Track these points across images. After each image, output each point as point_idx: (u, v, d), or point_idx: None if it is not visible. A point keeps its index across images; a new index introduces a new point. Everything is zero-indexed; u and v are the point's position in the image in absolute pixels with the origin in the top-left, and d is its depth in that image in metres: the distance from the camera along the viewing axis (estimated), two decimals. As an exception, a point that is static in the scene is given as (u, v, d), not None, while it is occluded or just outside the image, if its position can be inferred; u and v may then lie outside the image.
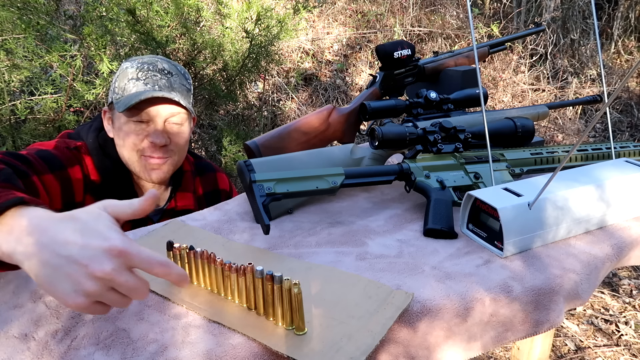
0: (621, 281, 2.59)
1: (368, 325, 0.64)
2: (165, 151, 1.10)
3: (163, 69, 1.09)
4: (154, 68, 1.09)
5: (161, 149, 1.09)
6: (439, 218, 0.86)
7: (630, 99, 4.68)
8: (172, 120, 1.09)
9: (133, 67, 1.09)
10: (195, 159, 1.29)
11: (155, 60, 1.10)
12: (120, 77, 1.09)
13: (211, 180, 1.29)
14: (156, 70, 1.08)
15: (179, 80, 1.11)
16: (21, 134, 2.22)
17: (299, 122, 1.11)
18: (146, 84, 1.07)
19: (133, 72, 1.08)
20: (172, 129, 1.10)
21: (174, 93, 1.08)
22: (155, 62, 1.10)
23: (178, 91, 1.10)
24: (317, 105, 4.31)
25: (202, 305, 0.68)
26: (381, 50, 1.20)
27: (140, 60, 1.10)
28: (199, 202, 1.24)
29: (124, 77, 1.08)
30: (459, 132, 0.99)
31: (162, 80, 1.08)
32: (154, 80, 1.07)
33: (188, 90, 1.13)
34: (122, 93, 1.07)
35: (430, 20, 5.10)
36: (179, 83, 1.11)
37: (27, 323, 0.66)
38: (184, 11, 2.28)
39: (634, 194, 0.90)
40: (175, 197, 1.20)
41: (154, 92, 1.05)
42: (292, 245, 0.83)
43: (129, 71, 1.08)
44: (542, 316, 0.74)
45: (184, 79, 1.13)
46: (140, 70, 1.08)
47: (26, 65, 2.07)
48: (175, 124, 1.10)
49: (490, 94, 4.54)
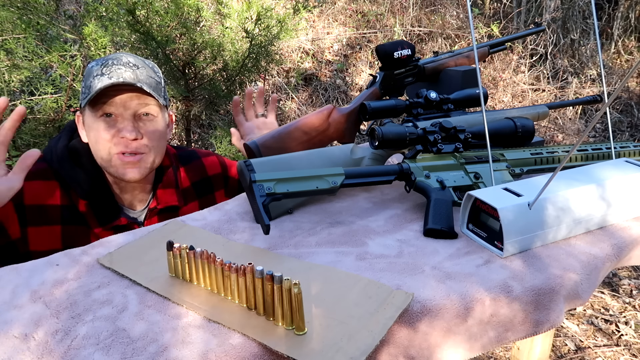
0: (621, 281, 2.59)
1: (368, 325, 0.64)
2: (138, 146, 1.05)
3: (128, 62, 1.06)
4: (118, 62, 1.04)
5: (134, 144, 1.05)
6: (439, 218, 0.86)
7: (630, 99, 4.68)
8: (141, 111, 1.05)
9: (98, 64, 1.05)
10: (177, 150, 1.24)
11: (119, 55, 1.07)
12: (86, 77, 1.06)
13: (198, 168, 1.25)
14: (120, 63, 1.04)
15: (146, 72, 1.07)
16: (21, 134, 2.22)
17: (299, 122, 1.11)
18: (110, 77, 1.02)
19: (97, 69, 1.04)
20: (144, 123, 1.06)
21: (139, 84, 1.04)
22: (120, 57, 1.06)
23: (145, 82, 1.05)
24: (317, 105, 4.31)
25: (202, 305, 0.68)
26: (381, 50, 1.20)
27: (105, 57, 1.07)
28: (185, 195, 1.20)
29: (89, 76, 1.04)
30: (459, 132, 0.98)
31: (127, 72, 1.04)
32: (118, 73, 1.02)
33: (158, 82, 1.09)
34: (88, 91, 1.03)
35: (430, 20, 5.10)
36: (145, 75, 1.06)
37: (27, 323, 0.66)
38: (184, 11, 2.28)
39: (634, 193, 0.90)
40: (156, 195, 1.16)
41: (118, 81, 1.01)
42: (292, 245, 0.83)
43: (93, 69, 1.04)
44: (542, 316, 0.74)
45: (152, 72, 1.08)
46: (104, 65, 1.04)
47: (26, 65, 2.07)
48: (147, 117, 1.06)
49: (490, 94, 4.54)
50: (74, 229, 1.07)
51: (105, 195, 1.10)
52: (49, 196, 1.06)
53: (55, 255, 0.81)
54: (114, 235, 0.88)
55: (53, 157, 1.08)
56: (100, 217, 1.09)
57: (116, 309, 0.68)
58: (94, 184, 1.08)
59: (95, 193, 1.09)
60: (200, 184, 1.24)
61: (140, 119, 1.06)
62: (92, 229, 1.08)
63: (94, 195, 1.08)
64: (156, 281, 0.73)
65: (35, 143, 2.26)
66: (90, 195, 1.08)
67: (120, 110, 1.04)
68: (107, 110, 1.03)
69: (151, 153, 1.08)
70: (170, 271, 0.74)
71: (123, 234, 0.88)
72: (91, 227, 1.08)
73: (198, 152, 1.28)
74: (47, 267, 0.78)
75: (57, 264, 0.79)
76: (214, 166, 1.27)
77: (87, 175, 1.08)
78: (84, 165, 1.09)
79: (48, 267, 0.78)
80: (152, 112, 1.07)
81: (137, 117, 1.06)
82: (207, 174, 1.26)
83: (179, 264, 0.73)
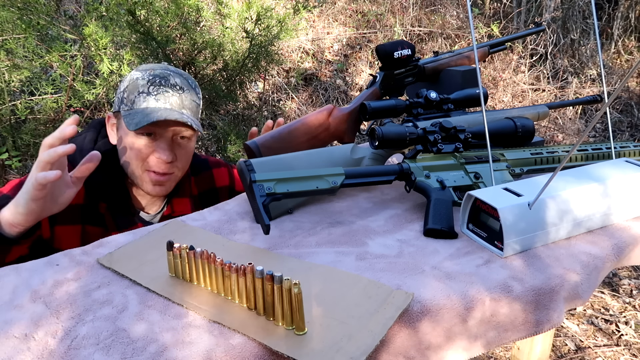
0: (621, 281, 2.59)
1: (368, 325, 0.64)
2: (170, 167, 1.08)
3: (175, 84, 1.07)
4: (165, 83, 1.06)
5: (167, 166, 1.08)
6: (439, 218, 0.86)
7: (630, 99, 4.68)
8: (181, 134, 1.08)
9: (144, 79, 1.06)
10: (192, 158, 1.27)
11: (167, 74, 1.08)
12: (130, 88, 1.07)
13: (206, 179, 1.27)
14: (168, 85, 1.06)
15: (190, 96, 1.09)
16: (21, 134, 2.22)
17: (299, 122, 1.11)
18: (157, 100, 1.05)
19: (144, 85, 1.05)
20: (179, 145, 1.09)
21: (184, 111, 1.07)
22: (168, 76, 1.08)
23: (189, 108, 1.08)
24: (317, 105, 4.31)
25: (202, 305, 0.68)
26: (381, 50, 1.20)
27: (151, 72, 1.08)
28: (195, 203, 1.23)
29: (134, 89, 1.06)
30: (459, 132, 0.98)
31: (174, 97, 1.06)
32: (165, 97, 1.05)
33: (198, 105, 1.12)
34: (131, 105, 1.05)
35: (430, 20, 5.10)
36: (189, 100, 1.09)
37: (27, 323, 0.66)
38: (184, 11, 2.28)
39: (634, 193, 0.90)
40: (171, 203, 1.18)
41: (166, 112, 1.03)
42: (292, 245, 0.83)
43: (139, 83, 1.06)
44: (543, 316, 0.74)
45: (194, 95, 1.11)
46: (151, 84, 1.05)
47: (26, 65, 2.08)
48: (182, 140, 1.09)
49: (490, 94, 4.54)
50: (93, 230, 1.09)
51: (124, 200, 1.12)
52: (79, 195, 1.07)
53: (55, 255, 0.82)
54: (114, 235, 0.88)
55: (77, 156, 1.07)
56: (118, 220, 1.11)
57: (116, 309, 0.68)
58: (115, 188, 1.10)
59: (116, 197, 1.10)
60: (207, 194, 1.26)
61: (177, 141, 1.09)
62: (110, 231, 1.09)
63: (114, 199, 1.10)
64: (156, 281, 0.73)
65: (35, 143, 2.26)
66: (111, 199, 1.10)
67: (161, 131, 1.06)
68: (149, 130, 1.05)
69: (179, 172, 1.12)
70: (171, 271, 0.74)
71: (123, 234, 0.88)
72: (109, 230, 1.09)
73: (209, 162, 1.30)
74: (47, 267, 0.78)
75: (57, 264, 0.79)
76: (222, 178, 1.29)
77: (110, 178, 1.10)
78: (108, 168, 1.09)
79: (48, 267, 0.78)
80: (188, 136, 1.10)
81: (174, 138, 1.08)
82: (215, 185, 1.28)
83: (179, 264, 0.73)
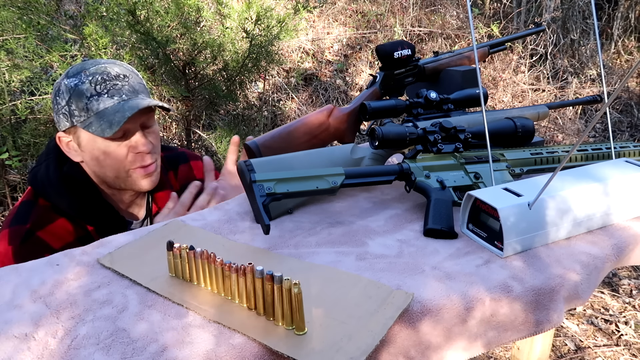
0: (621, 281, 2.59)
1: (368, 325, 0.64)
2: (152, 156, 1.07)
3: (118, 75, 1.03)
4: (109, 77, 1.01)
5: (148, 156, 1.06)
6: (439, 218, 0.86)
7: (630, 99, 4.68)
8: (148, 123, 1.06)
9: (84, 82, 1.00)
10: (164, 151, 1.20)
11: (103, 68, 1.02)
12: (74, 98, 1.00)
13: (186, 172, 1.24)
14: (112, 78, 1.02)
15: (136, 79, 1.06)
16: (21, 134, 2.22)
17: (299, 122, 1.11)
18: (112, 95, 1.00)
19: (89, 88, 1.00)
20: (149, 133, 1.07)
21: (141, 95, 1.04)
22: (105, 69, 1.02)
23: (142, 92, 1.05)
24: (317, 105, 4.31)
25: (202, 305, 0.68)
26: (381, 50, 1.20)
27: (85, 73, 1.01)
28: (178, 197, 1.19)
29: (79, 97, 1.00)
30: (459, 132, 0.98)
31: (125, 87, 1.02)
32: (117, 90, 1.01)
33: (144, 85, 1.09)
34: (86, 114, 1.00)
35: (430, 20, 5.10)
36: (137, 83, 1.06)
37: (27, 323, 0.66)
38: (184, 11, 2.28)
39: (634, 193, 0.90)
40: (154, 199, 1.15)
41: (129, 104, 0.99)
42: (292, 245, 0.83)
43: (82, 88, 1.00)
44: (543, 316, 0.74)
45: (137, 76, 1.07)
46: (96, 84, 1.00)
47: (26, 65, 2.08)
48: (150, 126, 1.07)
49: (490, 94, 4.54)
50: None
51: (111, 214, 1.09)
52: (67, 233, 1.04)
53: (55, 255, 0.82)
54: (114, 235, 0.88)
55: (49, 191, 1.04)
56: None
57: (116, 309, 0.68)
58: (97, 208, 1.07)
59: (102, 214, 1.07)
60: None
61: (145, 129, 1.07)
62: None
63: (101, 217, 1.07)
64: (156, 281, 0.73)
65: (35, 143, 2.26)
66: (97, 218, 1.07)
67: (131, 127, 1.03)
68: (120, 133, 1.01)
69: (158, 157, 1.10)
70: (171, 271, 0.74)
71: (123, 234, 0.88)
72: None
73: (187, 155, 1.27)
74: (47, 267, 0.78)
75: (57, 264, 0.79)
76: (200, 170, 1.26)
77: (89, 200, 1.07)
78: (83, 190, 1.06)
79: (48, 267, 0.78)
80: (154, 121, 1.08)
81: (143, 129, 1.06)
82: (195, 177, 1.25)
83: (179, 264, 0.73)
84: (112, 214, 1.09)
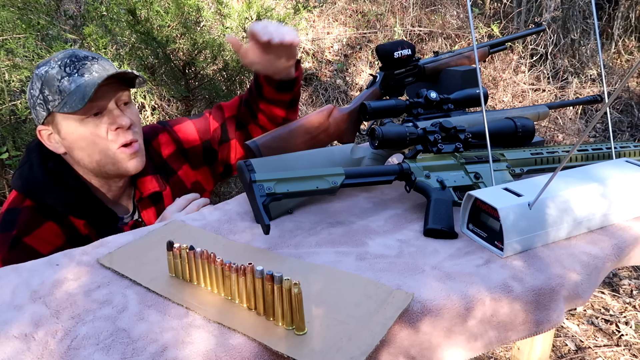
0: (621, 281, 2.58)
1: (368, 325, 0.64)
2: (132, 133, 1.05)
3: (86, 56, 1.03)
4: (77, 59, 1.01)
5: (129, 133, 1.04)
6: (439, 218, 0.86)
7: (631, 99, 4.68)
8: (123, 99, 1.04)
9: (54, 68, 1.00)
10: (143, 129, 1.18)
11: (72, 52, 1.03)
12: (47, 85, 1.00)
13: (167, 139, 1.21)
14: (81, 59, 1.01)
15: (107, 63, 1.05)
16: (21, 134, 2.22)
17: (299, 122, 1.11)
18: (82, 74, 0.99)
19: (59, 71, 1.00)
20: (126, 110, 1.05)
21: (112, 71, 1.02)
22: (74, 53, 1.03)
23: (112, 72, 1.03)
24: (317, 105, 4.30)
25: (202, 305, 0.68)
26: (381, 50, 1.20)
27: (55, 60, 1.01)
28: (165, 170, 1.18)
29: (51, 82, 0.99)
30: (459, 132, 0.98)
31: (95, 65, 1.01)
32: (87, 69, 1.00)
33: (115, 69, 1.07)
34: (60, 96, 0.99)
35: (430, 20, 5.10)
36: (108, 65, 1.05)
37: (27, 323, 0.66)
38: (184, 11, 2.28)
39: (634, 193, 0.90)
40: (137, 186, 1.13)
41: (99, 75, 0.98)
42: (292, 245, 0.83)
43: (52, 73, 1.00)
44: (543, 316, 0.74)
45: (108, 62, 1.07)
46: (66, 66, 1.00)
47: (26, 65, 2.07)
48: (126, 103, 1.06)
49: (491, 94, 4.54)
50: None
51: (99, 205, 1.08)
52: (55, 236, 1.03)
53: (55, 255, 0.82)
54: (114, 235, 0.88)
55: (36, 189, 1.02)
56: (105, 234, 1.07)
57: (116, 309, 0.68)
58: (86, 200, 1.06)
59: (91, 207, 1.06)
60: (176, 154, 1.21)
61: (121, 108, 1.05)
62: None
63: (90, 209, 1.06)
64: (156, 281, 0.73)
65: (35, 143, 2.25)
66: (87, 211, 1.05)
67: (104, 103, 1.02)
68: (96, 109, 1.00)
69: (140, 138, 1.08)
70: (171, 271, 0.74)
71: (123, 234, 0.88)
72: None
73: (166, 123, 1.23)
74: (47, 267, 0.78)
75: (57, 264, 0.79)
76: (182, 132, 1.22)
77: (78, 193, 1.05)
78: (71, 184, 1.05)
79: (48, 267, 0.78)
80: (128, 99, 1.07)
81: (119, 105, 1.04)
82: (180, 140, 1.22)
83: (179, 264, 0.73)
84: (99, 204, 1.08)
